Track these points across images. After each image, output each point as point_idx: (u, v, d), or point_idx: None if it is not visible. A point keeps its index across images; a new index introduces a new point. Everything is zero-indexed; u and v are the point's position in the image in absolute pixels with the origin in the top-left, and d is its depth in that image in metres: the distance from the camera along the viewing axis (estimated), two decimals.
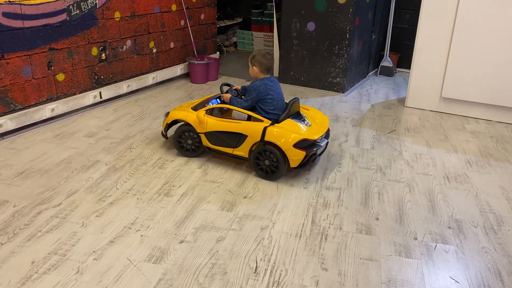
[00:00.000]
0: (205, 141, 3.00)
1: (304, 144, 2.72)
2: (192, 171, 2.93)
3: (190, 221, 2.38)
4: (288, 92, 4.77)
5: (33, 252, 2.07)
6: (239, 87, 3.20)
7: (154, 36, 4.62)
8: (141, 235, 2.24)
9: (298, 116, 2.94)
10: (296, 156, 2.71)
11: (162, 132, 3.20)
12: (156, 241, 2.19)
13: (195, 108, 3.08)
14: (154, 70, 4.75)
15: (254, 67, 2.96)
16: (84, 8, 3.77)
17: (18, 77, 3.34)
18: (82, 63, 3.86)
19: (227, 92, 3.15)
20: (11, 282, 1.89)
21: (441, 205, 2.62)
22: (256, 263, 2.07)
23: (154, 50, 4.68)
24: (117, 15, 4.11)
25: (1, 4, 3.11)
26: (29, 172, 2.83)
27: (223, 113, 3.12)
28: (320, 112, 3.14)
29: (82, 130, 3.54)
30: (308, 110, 3.13)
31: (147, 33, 4.52)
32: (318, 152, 2.89)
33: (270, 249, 2.17)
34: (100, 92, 4.07)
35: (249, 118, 2.89)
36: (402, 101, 4.56)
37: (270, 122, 2.80)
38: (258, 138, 2.77)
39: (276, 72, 5.32)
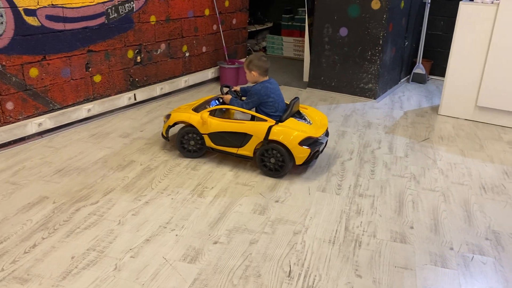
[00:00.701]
0: (209, 142, 3.04)
1: (308, 142, 2.80)
2: (224, 174, 2.96)
3: (223, 222, 2.40)
4: (319, 97, 4.76)
5: (73, 248, 2.13)
6: (238, 88, 3.26)
7: (187, 40, 4.70)
8: (176, 235, 2.27)
9: (299, 115, 3.04)
10: (301, 154, 2.79)
11: (162, 134, 3.21)
12: (191, 241, 2.22)
13: (196, 110, 3.12)
14: (186, 74, 4.82)
15: (252, 72, 3.00)
16: (122, 11, 3.87)
17: (57, 78, 3.45)
18: (118, 65, 3.95)
19: (227, 93, 3.20)
20: (53, 276, 1.94)
21: (477, 215, 2.57)
22: (290, 267, 2.07)
23: (187, 54, 4.76)
24: (153, 19, 4.20)
25: (45, 7, 3.23)
26: (67, 170, 2.91)
27: (222, 114, 3.17)
28: (318, 111, 3.22)
29: (117, 131, 3.62)
30: (307, 109, 3.21)
31: (180, 37, 4.59)
32: (321, 149, 2.96)
33: (304, 254, 2.17)
34: (134, 94, 4.15)
35: (253, 118, 2.95)
36: (435, 109, 4.49)
37: (275, 121, 2.87)
38: (263, 137, 2.85)
39: (306, 77, 5.32)
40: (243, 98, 3.18)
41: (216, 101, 3.25)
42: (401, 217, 2.53)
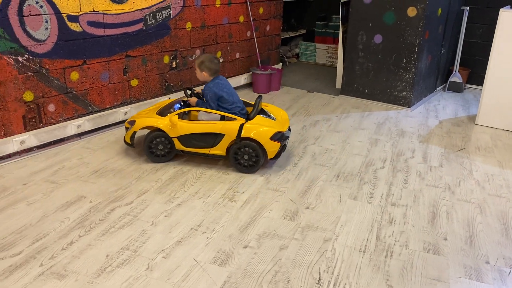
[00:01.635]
0: (179, 145, 3.06)
1: (277, 136, 2.96)
2: (254, 179, 2.98)
3: (253, 227, 2.42)
4: (351, 104, 4.73)
5: (108, 246, 2.20)
6: (200, 90, 3.29)
7: (221, 46, 4.77)
8: (207, 237, 2.30)
9: (263, 112, 3.20)
10: (272, 148, 2.96)
11: (125, 141, 3.16)
12: (221, 244, 2.25)
13: (161, 114, 3.12)
14: None
15: (203, 72, 3.11)
16: (159, 18, 3.97)
17: (97, 81, 3.57)
18: (154, 70, 4.06)
19: (191, 95, 3.25)
20: (88, 272, 2.01)
21: None
22: (319, 274, 2.06)
23: (221, 60, 4.82)
24: (189, 25, 4.29)
25: (86, 13, 3.36)
26: (104, 171, 3.01)
27: (187, 116, 3.20)
28: (278, 108, 3.35)
29: None
30: (267, 106, 3.32)
31: (215, 43, 4.67)
32: (286, 143, 3.15)
33: (334, 261, 2.16)
34: (169, 98, 4.24)
35: (222, 118, 3.03)
36: (472, 118, 4.37)
37: (244, 120, 2.98)
38: (235, 136, 2.95)
39: (339, 84, 5.29)
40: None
41: (178, 104, 3.27)
42: (434, 228, 2.47)
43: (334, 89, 5.30)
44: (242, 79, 5.17)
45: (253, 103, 3.25)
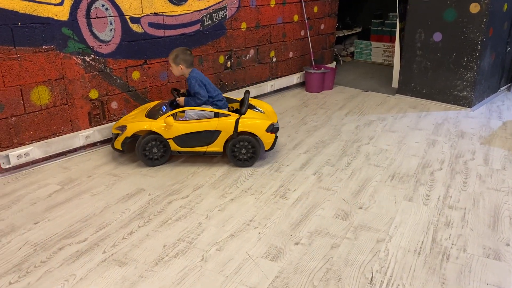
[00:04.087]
0: (174, 146, 3.06)
1: (271, 128, 3.07)
2: (306, 177, 2.99)
3: (305, 224, 2.43)
4: (408, 104, 4.60)
5: (165, 237, 2.30)
6: (184, 91, 3.32)
7: (275, 45, 4.81)
8: (259, 232, 2.34)
9: (251, 106, 3.26)
10: (268, 139, 3.08)
11: (114, 147, 3.09)
12: (273, 240, 2.28)
13: (151, 116, 3.07)
14: (272, 78, 4.93)
15: (180, 66, 3.11)
16: (216, 19, 4.08)
17: (156, 81, 3.73)
18: (210, 69, 4.17)
19: (177, 95, 3.23)
20: (147, 261, 2.12)
21: None
22: (372, 274, 2.04)
23: (274, 59, 4.86)
24: (244, 25, 4.36)
25: (148, 15, 3.52)
26: (161, 165, 3.13)
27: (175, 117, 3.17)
28: (263, 102, 3.47)
29: None
30: (252, 100, 3.40)
31: (269, 42, 4.72)
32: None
33: (387, 262, 2.13)
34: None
35: (216, 115, 3.06)
36: None
37: (238, 115, 3.04)
38: (232, 131, 3.02)
39: (395, 83, 5.16)
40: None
41: (164, 106, 3.20)
42: (495, 232, 2.36)
43: (390, 88, 5.18)
44: (294, 78, 5.18)
45: (238, 99, 3.36)
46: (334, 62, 5.85)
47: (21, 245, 2.22)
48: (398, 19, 5.07)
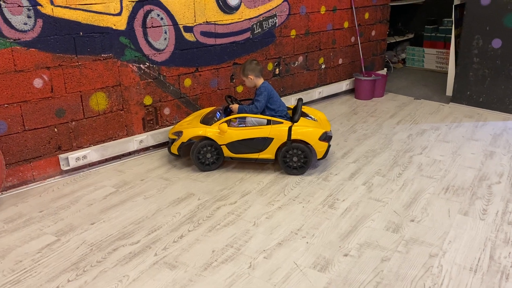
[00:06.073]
0: (227, 152, 3.11)
1: (324, 136, 3.05)
2: (356, 187, 2.94)
3: (354, 236, 2.39)
4: (463, 113, 4.41)
5: (213, 242, 2.34)
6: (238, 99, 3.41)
7: (324, 52, 4.78)
8: (307, 242, 2.33)
9: (304, 114, 3.25)
10: (321, 148, 3.07)
11: (171, 151, 3.20)
12: (321, 250, 2.26)
13: (205, 123, 3.15)
14: (321, 85, 4.89)
15: (249, 76, 3.20)
16: (266, 27, 4.11)
17: (207, 87, 3.81)
18: None
19: (232, 102, 3.27)
20: (196, 265, 2.16)
21: None
22: None
23: (323, 66, 4.83)
24: (293, 33, 4.37)
25: (200, 24, 3.60)
26: (210, 171, 3.19)
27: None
28: (315, 109, 3.46)
29: None
30: (305, 108, 3.37)
31: (318, 49, 4.69)
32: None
33: (440, 278, 2.05)
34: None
35: (269, 122, 3.08)
36: None
37: (290, 123, 3.05)
38: (285, 139, 3.03)
39: (449, 91, 4.98)
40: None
41: (218, 112, 3.25)
42: None
43: (444, 97, 5.00)
44: (344, 85, 5.12)
45: (291, 106, 3.33)
46: (385, 69, 5.72)
47: (78, 244, 2.33)
48: (453, 25, 4.89)
